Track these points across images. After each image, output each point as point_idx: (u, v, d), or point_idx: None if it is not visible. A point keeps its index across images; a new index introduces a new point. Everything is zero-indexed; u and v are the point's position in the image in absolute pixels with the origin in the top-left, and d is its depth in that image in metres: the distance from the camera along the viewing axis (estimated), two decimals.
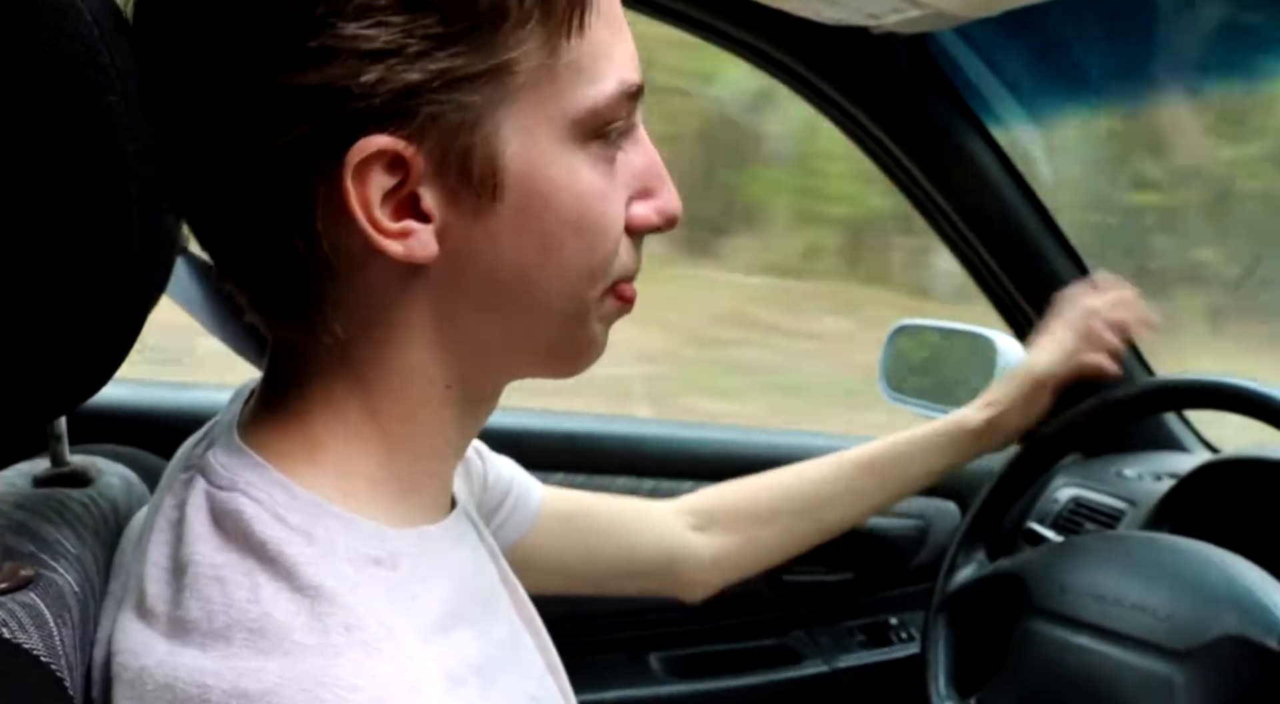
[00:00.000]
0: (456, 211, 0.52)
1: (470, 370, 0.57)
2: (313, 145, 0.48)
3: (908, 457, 1.07)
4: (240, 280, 0.55)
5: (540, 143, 0.52)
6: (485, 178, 0.51)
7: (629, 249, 0.59)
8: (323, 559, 0.49)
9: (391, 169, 0.49)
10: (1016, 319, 1.53)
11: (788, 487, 1.06)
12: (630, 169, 0.58)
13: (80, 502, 0.65)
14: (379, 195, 0.49)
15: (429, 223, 0.51)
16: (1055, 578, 1.07)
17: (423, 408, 0.57)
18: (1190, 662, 0.93)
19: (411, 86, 0.48)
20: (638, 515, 1.00)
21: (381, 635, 0.47)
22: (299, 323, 0.54)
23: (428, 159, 0.50)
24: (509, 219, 0.53)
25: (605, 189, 0.56)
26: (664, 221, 0.60)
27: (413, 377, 0.56)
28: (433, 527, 0.59)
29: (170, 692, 0.45)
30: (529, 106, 0.51)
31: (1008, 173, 1.43)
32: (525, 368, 0.61)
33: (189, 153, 0.51)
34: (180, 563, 0.49)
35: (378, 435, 0.56)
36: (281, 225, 0.50)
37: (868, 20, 1.24)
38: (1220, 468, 1.22)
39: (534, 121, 0.52)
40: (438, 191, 0.51)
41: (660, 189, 0.60)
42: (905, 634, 1.63)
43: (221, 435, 0.56)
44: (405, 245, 0.51)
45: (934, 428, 1.09)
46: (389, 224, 0.50)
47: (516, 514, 0.89)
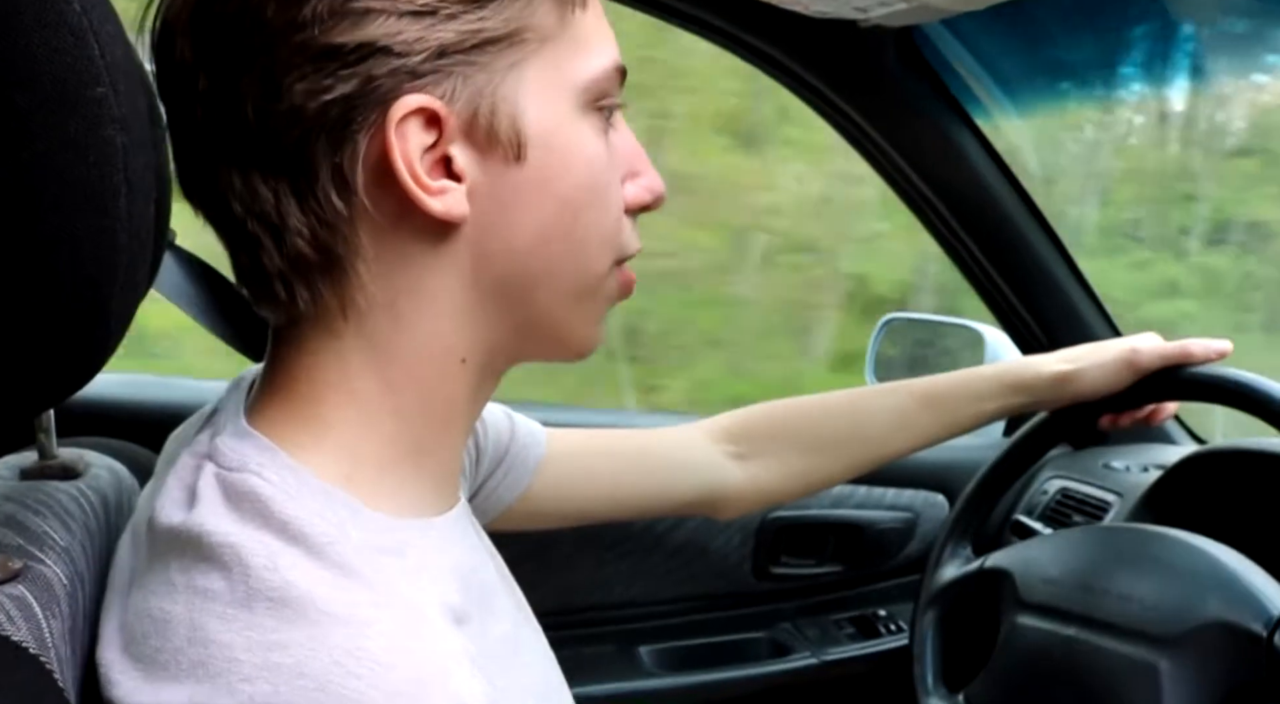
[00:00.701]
0: (484, 171, 0.54)
1: (486, 343, 0.59)
2: (357, 101, 0.50)
3: (973, 394, 1.02)
4: (265, 261, 0.54)
5: (555, 106, 0.56)
6: (510, 138, 0.54)
7: (629, 227, 0.62)
8: (344, 541, 0.50)
9: (428, 127, 0.52)
10: (1004, 311, 1.54)
11: (843, 415, 1.03)
12: (618, 149, 0.60)
13: (69, 494, 0.65)
14: (418, 152, 0.52)
15: (460, 183, 0.54)
16: (1042, 571, 1.08)
17: (438, 382, 0.57)
18: (1177, 648, 0.93)
19: (445, 46, 0.51)
20: (664, 451, 0.98)
21: (412, 615, 0.48)
22: (327, 295, 0.54)
23: (459, 119, 0.53)
24: (531, 181, 0.55)
25: (606, 158, 0.59)
26: (654, 199, 0.63)
27: (433, 347, 0.57)
28: (439, 518, 0.59)
29: (202, 667, 0.45)
30: (543, 72, 0.55)
31: (995, 165, 1.43)
32: (533, 344, 0.62)
33: (221, 128, 0.52)
34: (192, 537, 0.49)
35: (390, 411, 0.56)
36: (321, 185, 0.51)
37: (855, 13, 1.24)
38: (1207, 459, 1.22)
39: (548, 86, 0.55)
40: (468, 151, 0.54)
41: (645, 169, 0.63)
42: (894, 626, 1.63)
43: (229, 422, 0.56)
44: (444, 202, 0.53)
45: (1004, 369, 1.04)
46: (429, 181, 0.52)
47: (514, 472, 0.88)
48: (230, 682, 0.44)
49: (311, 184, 0.52)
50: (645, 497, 0.97)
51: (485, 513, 0.87)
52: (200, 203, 0.56)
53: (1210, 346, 1.02)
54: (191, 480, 0.53)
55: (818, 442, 1.02)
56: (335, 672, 0.44)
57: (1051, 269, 1.49)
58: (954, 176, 1.43)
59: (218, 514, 0.50)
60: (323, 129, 0.50)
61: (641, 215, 0.64)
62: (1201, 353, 1.01)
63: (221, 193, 0.54)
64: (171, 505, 0.52)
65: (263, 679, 0.44)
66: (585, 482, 0.93)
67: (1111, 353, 1.03)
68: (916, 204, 1.47)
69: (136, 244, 0.47)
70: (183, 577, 0.48)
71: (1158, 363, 1.02)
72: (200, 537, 0.49)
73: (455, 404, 0.59)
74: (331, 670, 0.44)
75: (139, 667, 0.47)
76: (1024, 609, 1.07)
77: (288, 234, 0.53)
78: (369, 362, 0.56)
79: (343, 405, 0.55)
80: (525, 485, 0.89)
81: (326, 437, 0.55)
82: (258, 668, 0.44)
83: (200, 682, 0.45)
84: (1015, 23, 1.40)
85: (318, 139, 0.51)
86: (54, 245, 0.43)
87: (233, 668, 0.44)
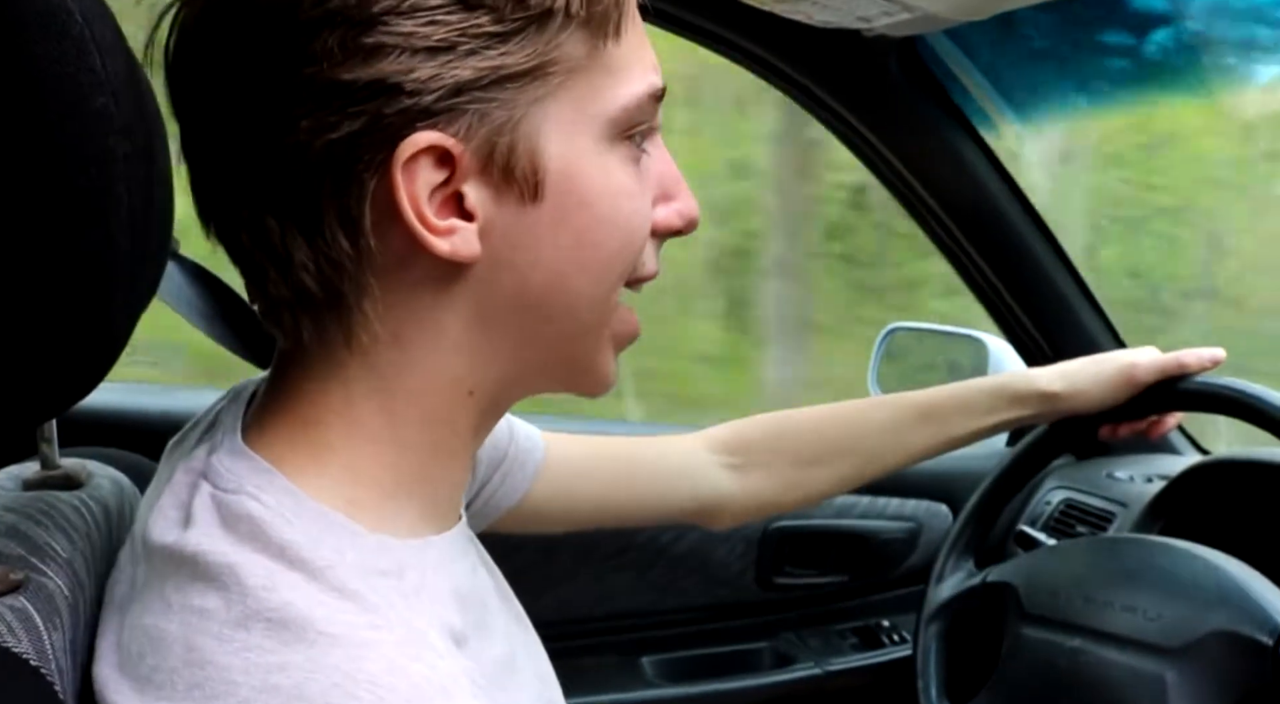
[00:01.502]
0: (498, 210, 0.53)
1: (495, 377, 0.57)
2: (364, 139, 0.49)
3: (969, 409, 1.02)
4: (273, 286, 0.54)
5: (578, 142, 0.53)
6: (527, 176, 0.52)
7: (651, 251, 0.60)
8: (339, 563, 0.49)
9: (439, 165, 0.50)
10: (1007, 321, 1.53)
11: (839, 428, 1.02)
12: (651, 174, 0.59)
13: (71, 505, 0.65)
14: (426, 191, 0.50)
15: (472, 221, 0.52)
16: (1046, 583, 1.07)
17: (443, 413, 0.57)
18: (1182, 659, 0.93)
19: (462, 84, 0.49)
20: (661, 459, 0.98)
21: (411, 637, 0.48)
22: (333, 323, 0.54)
23: (473, 156, 0.51)
24: (548, 218, 0.53)
25: (635, 189, 0.57)
26: (685, 224, 0.61)
27: (440, 381, 0.56)
28: (438, 538, 0.59)
29: (199, 689, 0.45)
30: (568, 106, 0.53)
31: (998, 175, 1.43)
32: (545, 378, 0.61)
33: (232, 156, 0.51)
34: (188, 557, 0.49)
35: (393, 441, 0.55)
36: (327, 222, 0.50)
37: (858, 23, 1.24)
38: (1210, 469, 1.22)
39: (572, 121, 0.53)
40: (481, 189, 0.52)
41: (679, 192, 0.61)
42: (897, 637, 1.63)
43: (225, 438, 0.55)
44: (451, 243, 0.51)
45: (1001, 385, 1.03)
46: (436, 221, 0.51)
47: (512, 476, 0.87)
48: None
49: (318, 223, 0.50)
50: (641, 504, 0.96)
51: (483, 517, 0.86)
52: (212, 226, 0.55)
53: (1203, 356, 1.03)
54: (187, 498, 0.52)
55: (814, 454, 1.02)
56: (335, 694, 0.43)
57: (1054, 278, 1.49)
58: (957, 186, 1.43)
59: (213, 535, 0.49)
60: (329, 168, 0.49)
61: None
62: (1196, 363, 1.02)
63: (231, 221, 0.53)
64: (166, 524, 0.52)
65: (261, 702, 0.43)
66: (583, 487, 0.93)
67: (1109, 368, 1.03)
68: (919, 213, 1.47)
69: (139, 253, 0.47)
70: (179, 596, 0.48)
71: (1155, 376, 1.03)
72: (196, 556, 0.48)
73: (460, 434, 0.58)
74: (331, 693, 0.44)
75: (134, 685, 0.47)
76: (1028, 621, 1.07)
77: (293, 269, 0.52)
78: (373, 393, 0.55)
79: (345, 432, 0.55)
80: (523, 490, 0.88)
81: (329, 461, 0.54)
82: (256, 690, 0.44)
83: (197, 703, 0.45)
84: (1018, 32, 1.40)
85: (324, 178, 0.49)
86: (56, 255, 0.43)
87: (231, 691, 0.44)
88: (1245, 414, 0.98)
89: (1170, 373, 1.02)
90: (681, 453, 1.00)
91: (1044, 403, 1.03)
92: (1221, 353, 1.02)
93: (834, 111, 1.38)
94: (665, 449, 0.99)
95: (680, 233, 0.61)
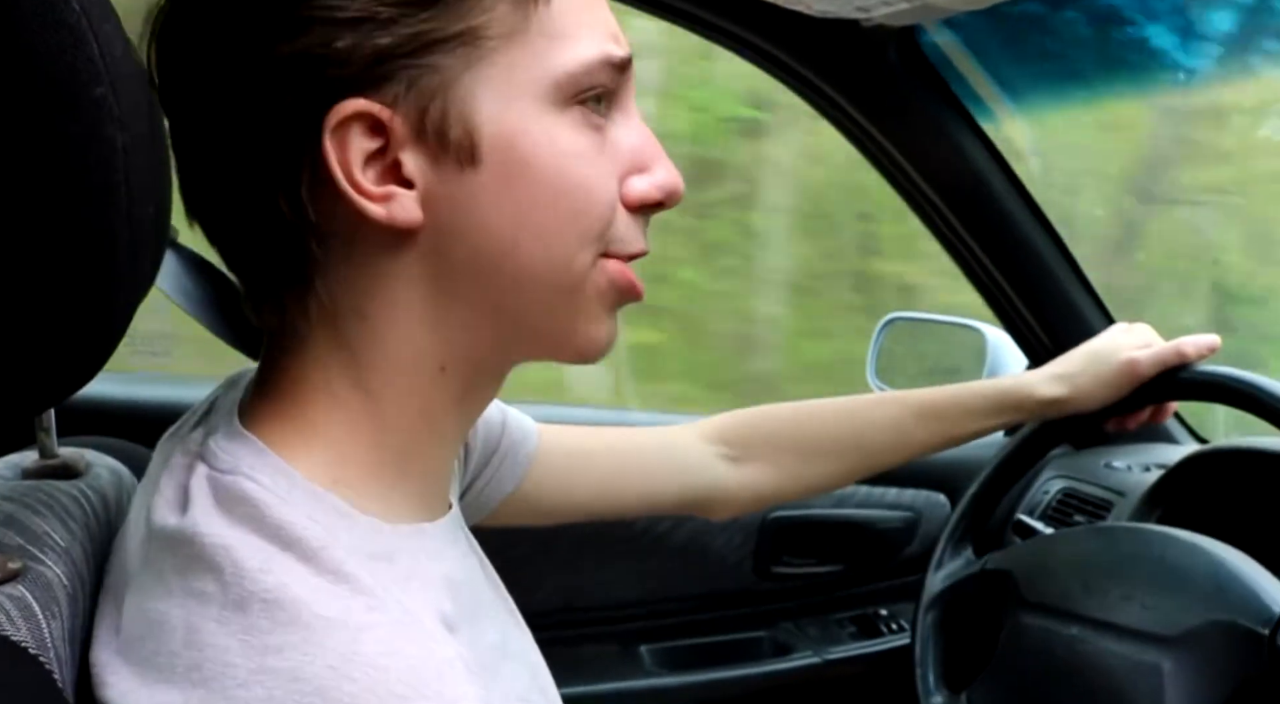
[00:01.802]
0: (438, 177, 0.53)
1: (466, 350, 0.57)
2: (295, 112, 0.50)
3: (970, 410, 1.03)
4: (238, 262, 0.56)
5: (517, 106, 0.53)
6: (462, 141, 0.52)
7: (630, 224, 0.59)
8: (334, 544, 0.49)
9: (372, 133, 0.51)
10: (1005, 311, 1.54)
11: (839, 424, 1.03)
12: (621, 144, 0.58)
13: (69, 494, 0.65)
14: (360, 158, 0.51)
15: (412, 189, 0.52)
16: (1044, 571, 1.08)
17: (417, 389, 0.57)
18: (1180, 648, 0.93)
19: (384, 51, 0.50)
20: (658, 451, 0.98)
21: (406, 619, 0.48)
22: (293, 301, 0.54)
23: (405, 123, 0.51)
24: (490, 183, 0.53)
25: (589, 153, 0.56)
26: (664, 196, 0.60)
27: (406, 355, 0.56)
28: (430, 525, 0.59)
29: (197, 671, 0.45)
30: (502, 70, 0.53)
31: (996, 165, 1.43)
32: (523, 348, 0.60)
33: (189, 137, 0.53)
34: (186, 539, 0.49)
35: (372, 418, 0.56)
36: (270, 194, 0.51)
37: (857, 13, 1.23)
38: (1208, 458, 1.22)
39: (508, 85, 0.53)
40: (419, 156, 0.52)
41: (656, 164, 0.60)
42: (895, 625, 1.63)
43: (222, 422, 0.56)
44: (387, 209, 0.52)
45: (1002, 390, 1.04)
46: (371, 187, 0.51)
47: (505, 468, 0.87)
48: (226, 687, 0.44)
49: (266, 199, 0.51)
50: (637, 495, 0.97)
51: (476, 509, 0.86)
52: (191, 207, 0.56)
53: (1201, 343, 1.03)
54: (184, 481, 0.52)
55: (812, 448, 1.03)
56: (330, 676, 0.44)
57: (1053, 268, 1.49)
58: (955, 176, 1.43)
59: (210, 517, 0.50)
60: (268, 143, 0.51)
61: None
62: (1195, 351, 1.03)
63: (200, 199, 0.55)
64: (165, 507, 0.52)
65: (258, 684, 0.44)
66: (577, 479, 0.93)
67: (1110, 366, 1.04)
68: (918, 203, 1.47)
69: (137, 242, 0.47)
70: (178, 579, 0.48)
71: (1156, 370, 1.03)
72: (194, 539, 0.49)
73: (438, 412, 0.58)
74: (326, 675, 0.44)
75: (133, 669, 0.47)
76: (1026, 609, 1.07)
77: (246, 247, 0.54)
78: (346, 368, 0.55)
79: (327, 409, 0.55)
80: (516, 482, 0.88)
81: (314, 439, 0.55)
82: (253, 672, 0.44)
83: (195, 686, 0.45)
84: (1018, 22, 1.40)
85: (265, 153, 0.51)
86: (55, 244, 0.43)
87: (228, 672, 0.44)
88: (1245, 403, 0.98)
89: (1171, 364, 1.03)
90: (679, 444, 1.00)
91: (1046, 409, 1.05)
92: (1218, 340, 1.03)
93: (833, 101, 1.38)
94: (662, 440, 0.99)
95: (661, 205, 0.60)
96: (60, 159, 0.42)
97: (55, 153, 0.42)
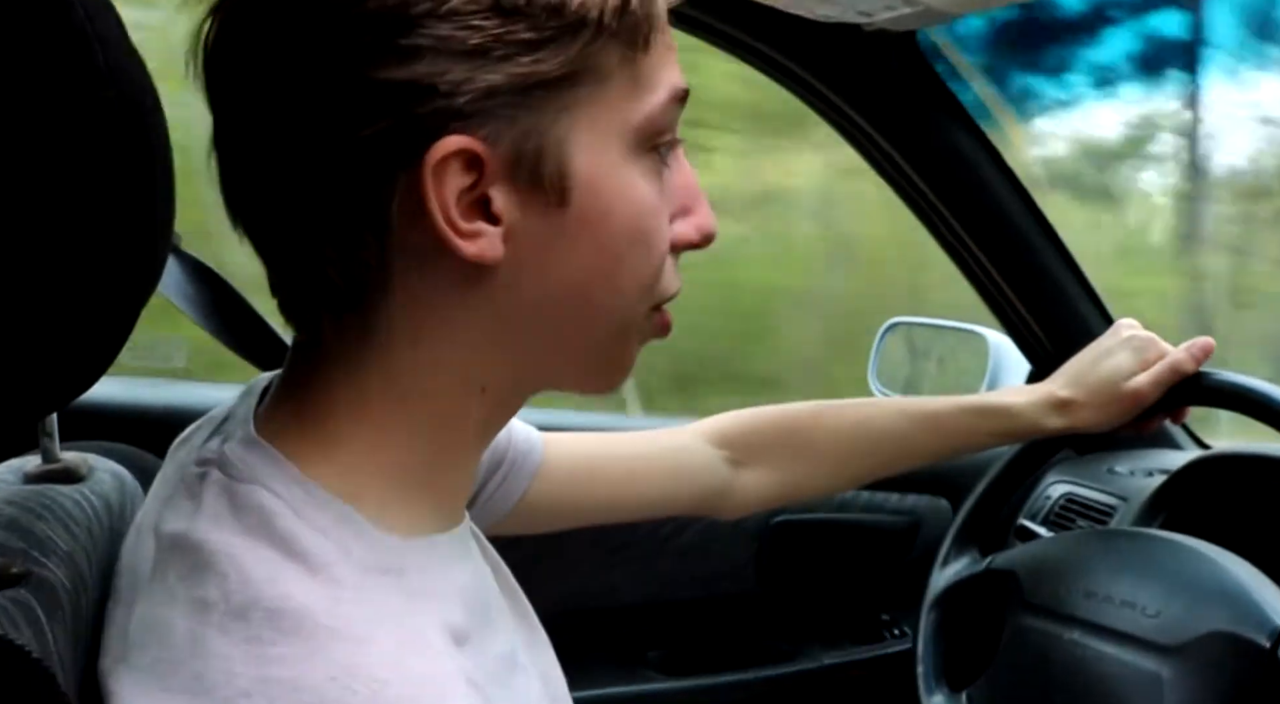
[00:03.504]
0: (524, 215, 0.53)
1: (511, 375, 0.58)
2: (395, 140, 0.49)
3: (971, 431, 1.03)
4: (289, 276, 0.55)
5: (605, 152, 0.54)
6: (554, 182, 0.52)
7: (671, 267, 0.60)
8: (344, 560, 0.50)
9: (468, 169, 0.51)
10: (1007, 315, 1.53)
11: (845, 431, 1.03)
12: (672, 187, 0.59)
13: (72, 498, 0.65)
14: (455, 193, 0.51)
15: (498, 225, 0.52)
16: (1047, 574, 1.07)
17: (455, 409, 0.57)
18: (1179, 657, 0.93)
19: (494, 88, 0.50)
20: (663, 456, 0.98)
21: (410, 634, 0.48)
22: (339, 320, 0.54)
23: (501, 161, 0.51)
24: (572, 226, 0.54)
25: (657, 202, 0.57)
26: (702, 239, 0.61)
27: (454, 378, 0.56)
28: (443, 536, 0.59)
29: (199, 680, 0.45)
30: (597, 115, 0.53)
31: (998, 169, 1.43)
32: (562, 379, 0.61)
33: (263, 148, 0.52)
34: (193, 546, 0.49)
35: (403, 435, 0.56)
36: (356, 219, 0.51)
37: (859, 18, 1.24)
38: (1211, 464, 1.22)
39: (600, 130, 0.53)
40: (508, 194, 0.52)
41: (697, 207, 0.61)
42: (897, 630, 1.63)
43: (239, 429, 0.56)
44: (477, 246, 0.52)
45: (1005, 417, 1.03)
46: (463, 224, 0.51)
47: (511, 478, 0.88)
48: (228, 696, 0.44)
49: (346, 220, 0.51)
50: (642, 500, 0.97)
51: (483, 519, 0.86)
52: (238, 213, 0.55)
53: (1196, 351, 1.02)
54: (197, 488, 0.52)
55: (821, 454, 1.03)
56: (331, 688, 0.44)
57: (1055, 273, 1.49)
58: (957, 180, 1.43)
59: (221, 525, 0.50)
60: (360, 167, 0.50)
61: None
62: (1193, 362, 1.01)
63: (260, 209, 0.54)
64: (176, 513, 0.52)
65: (260, 694, 0.44)
66: (582, 486, 0.93)
67: (1114, 397, 1.02)
68: (920, 207, 1.47)
69: (140, 248, 0.47)
70: (184, 586, 0.48)
71: (1158, 394, 1.02)
72: (202, 546, 0.49)
73: (470, 430, 0.59)
74: (328, 686, 0.44)
75: (138, 676, 0.47)
76: (1028, 611, 1.07)
77: (319, 265, 0.52)
78: (386, 388, 0.55)
79: (355, 425, 0.55)
80: (522, 491, 0.89)
81: (335, 452, 0.54)
82: (254, 681, 0.44)
83: (197, 695, 0.45)
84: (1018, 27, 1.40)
85: (355, 176, 0.50)
86: (57, 249, 0.43)
87: (230, 681, 0.44)
88: (1252, 410, 0.98)
89: (1172, 383, 1.01)
90: (683, 448, 1.00)
91: (1049, 434, 1.06)
92: (1211, 341, 1.02)
93: (835, 106, 1.38)
94: (667, 445, 0.99)
95: (696, 247, 0.61)
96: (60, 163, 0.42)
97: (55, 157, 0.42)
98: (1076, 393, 1.03)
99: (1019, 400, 1.04)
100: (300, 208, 0.52)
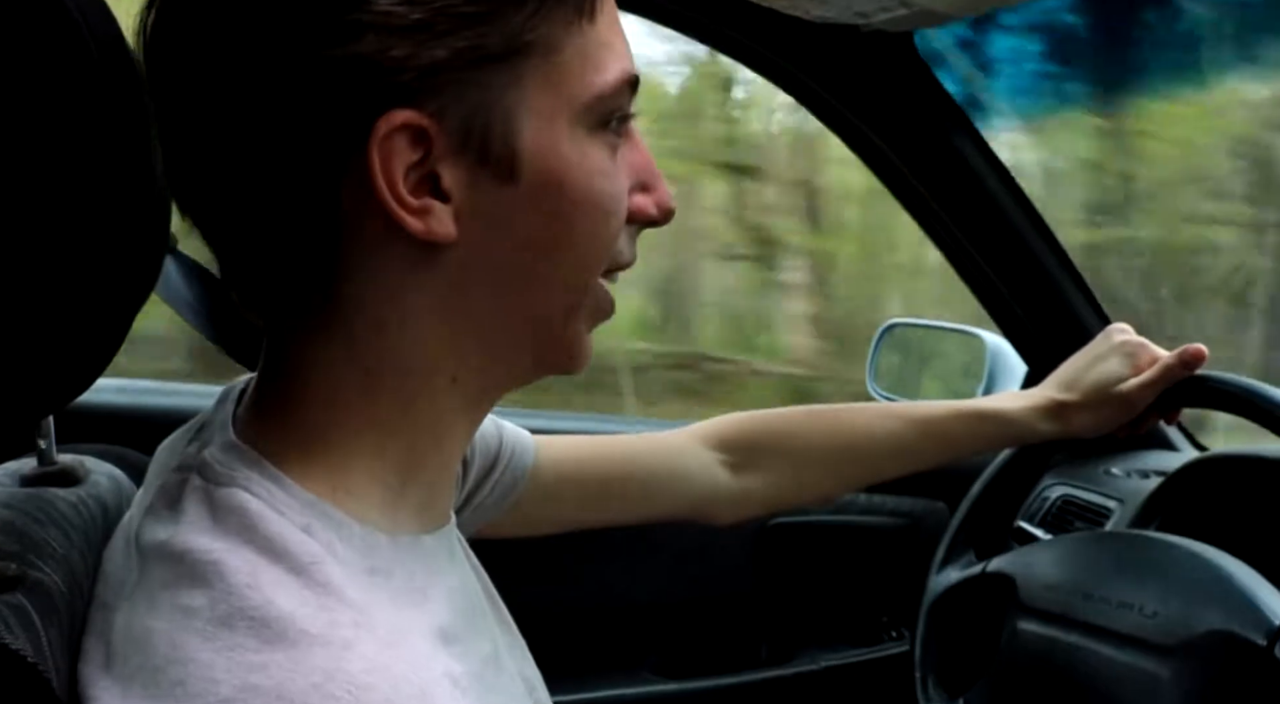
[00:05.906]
0: (474, 191, 0.53)
1: (476, 359, 0.58)
2: (341, 119, 0.49)
3: (968, 436, 1.04)
4: (244, 268, 0.55)
5: (554, 124, 0.54)
6: (503, 157, 0.52)
7: (627, 238, 0.61)
8: (330, 560, 0.49)
9: (414, 144, 0.50)
10: (1004, 316, 1.54)
11: (842, 435, 1.03)
12: (628, 163, 0.59)
13: (68, 501, 0.65)
14: (402, 170, 0.50)
15: (448, 202, 0.52)
16: (1043, 576, 1.07)
17: (426, 400, 0.57)
18: (1177, 657, 0.93)
19: (438, 63, 0.49)
20: (658, 459, 0.98)
21: (393, 637, 0.47)
22: (303, 308, 0.54)
23: (449, 136, 0.51)
24: (524, 200, 0.54)
25: (612, 171, 0.57)
26: (661, 214, 0.62)
27: (419, 366, 0.56)
28: (429, 537, 0.59)
29: (181, 687, 0.44)
30: (544, 89, 0.53)
31: (995, 171, 1.43)
32: (524, 363, 0.61)
33: (207, 135, 0.51)
34: (175, 553, 0.49)
35: (377, 425, 0.56)
36: (305, 203, 0.51)
37: (856, 19, 1.24)
38: (1208, 465, 1.22)
39: (548, 103, 0.53)
40: (457, 170, 0.52)
41: (657, 184, 0.61)
42: (894, 633, 1.63)
43: (217, 434, 0.55)
44: (425, 223, 0.51)
45: (1002, 422, 1.04)
46: (411, 200, 0.51)
47: (503, 481, 0.87)
48: (209, 703, 0.44)
49: (296, 202, 0.51)
50: (636, 504, 0.97)
51: (474, 522, 0.86)
52: (187, 206, 0.55)
53: (1185, 354, 1.01)
54: (177, 494, 0.52)
55: (818, 459, 1.03)
56: (314, 695, 0.43)
57: (1052, 274, 1.49)
58: (954, 181, 1.43)
59: (201, 530, 0.49)
60: (308, 147, 0.50)
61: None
62: (1185, 369, 1.01)
63: (208, 199, 0.53)
64: (156, 521, 0.52)
65: (242, 702, 0.43)
66: (575, 490, 0.93)
67: (1108, 402, 1.03)
68: (916, 208, 1.47)
69: (136, 249, 0.47)
70: (166, 594, 0.48)
71: (1152, 398, 1.02)
72: (184, 553, 0.48)
73: (444, 423, 0.58)
74: (310, 693, 0.43)
75: (118, 684, 0.47)
76: (1025, 614, 1.07)
77: (271, 246, 0.52)
78: (354, 375, 0.55)
79: (331, 418, 0.55)
80: (514, 495, 0.88)
81: (315, 448, 0.54)
82: (236, 689, 0.43)
83: (179, 702, 0.44)
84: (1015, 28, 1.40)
85: (302, 157, 0.50)
86: (53, 251, 0.43)
87: (211, 689, 0.44)
88: (1249, 412, 0.98)
89: (1163, 389, 1.02)
90: (679, 451, 0.99)
91: (1044, 439, 1.06)
92: (1202, 347, 1.02)
93: (831, 107, 1.38)
94: (660, 448, 0.99)
95: (656, 223, 0.62)
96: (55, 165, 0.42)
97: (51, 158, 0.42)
98: (1070, 397, 1.04)
99: (1014, 406, 1.04)
100: (249, 194, 0.51)
